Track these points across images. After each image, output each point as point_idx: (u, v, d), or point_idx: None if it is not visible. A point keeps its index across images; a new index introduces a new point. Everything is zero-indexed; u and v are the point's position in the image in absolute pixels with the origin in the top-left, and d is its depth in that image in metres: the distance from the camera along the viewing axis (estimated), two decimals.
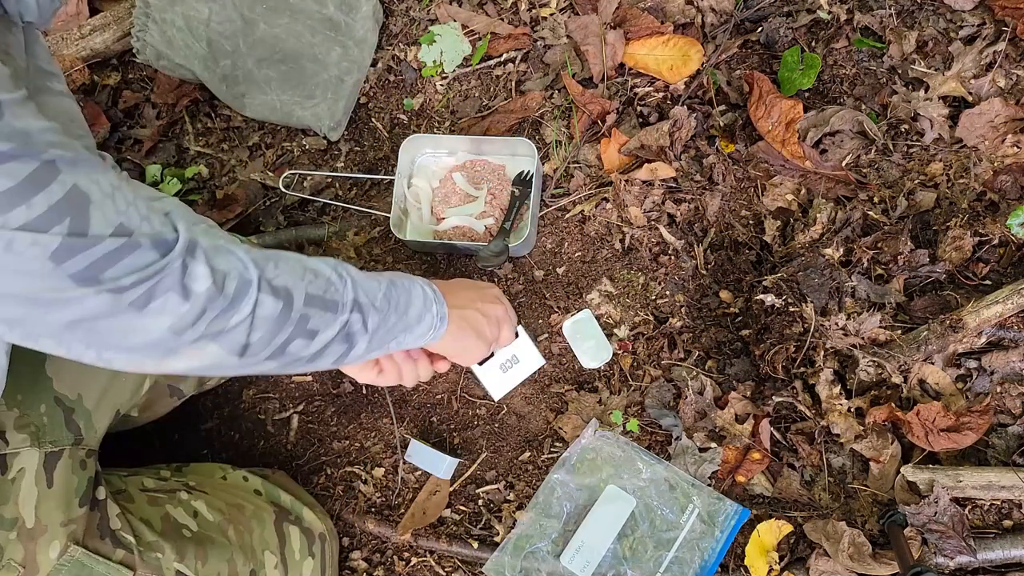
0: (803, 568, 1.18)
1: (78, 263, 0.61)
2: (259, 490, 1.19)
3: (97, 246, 0.62)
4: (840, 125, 1.39)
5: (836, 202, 1.35)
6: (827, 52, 1.46)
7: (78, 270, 0.61)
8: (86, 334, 0.66)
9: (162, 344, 0.69)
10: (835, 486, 1.22)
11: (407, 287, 0.94)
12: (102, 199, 0.62)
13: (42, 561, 0.88)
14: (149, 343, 0.69)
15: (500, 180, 1.45)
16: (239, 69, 1.53)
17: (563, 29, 1.54)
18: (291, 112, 1.54)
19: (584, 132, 1.47)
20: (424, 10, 1.63)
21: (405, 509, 1.30)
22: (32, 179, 0.57)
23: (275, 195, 1.55)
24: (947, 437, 1.17)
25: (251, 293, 0.72)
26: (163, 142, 1.62)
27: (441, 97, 1.58)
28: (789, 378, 1.25)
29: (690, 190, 1.40)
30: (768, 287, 1.26)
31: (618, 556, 1.20)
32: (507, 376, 1.33)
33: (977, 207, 1.32)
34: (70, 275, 0.61)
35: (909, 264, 1.27)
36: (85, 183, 0.61)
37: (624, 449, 1.27)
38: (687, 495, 1.23)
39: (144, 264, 0.65)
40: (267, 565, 1.08)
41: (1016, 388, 1.22)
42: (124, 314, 0.65)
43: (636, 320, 1.36)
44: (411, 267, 1.46)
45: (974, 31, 1.43)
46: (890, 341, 1.22)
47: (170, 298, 0.67)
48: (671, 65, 1.46)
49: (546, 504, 1.25)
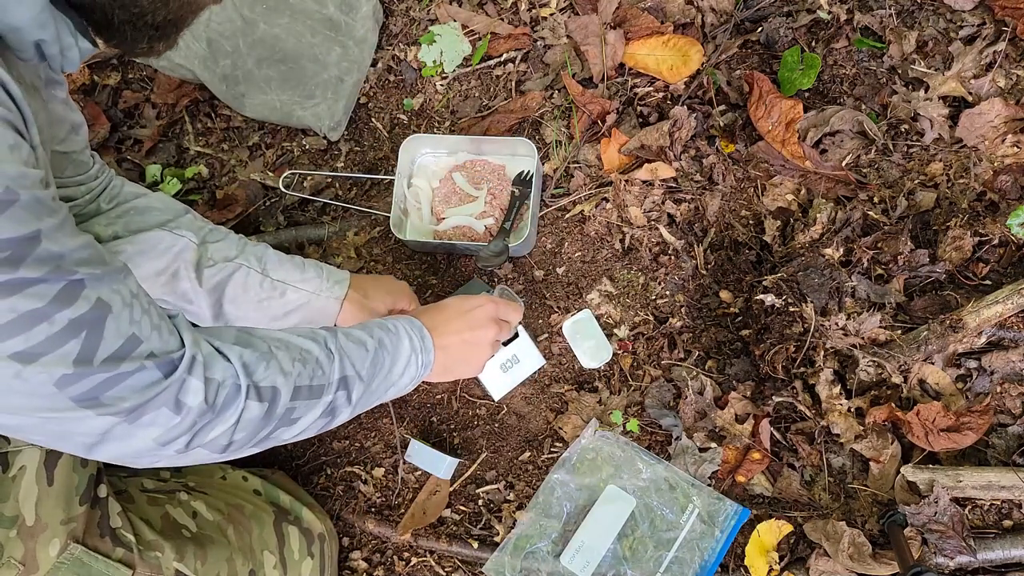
0: (803, 568, 1.18)
1: (81, 387, 0.64)
2: (258, 490, 1.19)
3: (100, 372, 0.65)
4: (840, 125, 1.39)
5: (836, 202, 1.35)
6: (827, 52, 1.46)
7: (80, 393, 0.65)
8: (72, 435, 0.68)
9: (148, 453, 0.71)
10: (835, 486, 1.22)
11: (394, 343, 0.95)
12: (121, 309, 0.67)
13: (42, 559, 0.88)
14: (134, 451, 0.71)
15: (500, 180, 1.45)
16: (239, 69, 1.54)
17: (563, 29, 1.54)
18: (291, 112, 1.54)
19: (584, 132, 1.47)
20: (424, 10, 1.63)
21: (405, 509, 1.30)
22: (58, 298, 0.62)
23: (275, 195, 1.55)
24: (947, 437, 1.17)
25: (238, 402, 0.75)
26: (163, 142, 1.62)
27: (441, 97, 1.58)
28: (789, 378, 1.25)
29: (690, 190, 1.40)
30: (768, 287, 1.26)
31: (618, 556, 1.20)
32: (507, 376, 1.33)
33: (977, 207, 1.32)
34: (71, 397, 0.64)
35: (909, 264, 1.27)
36: (108, 294, 0.66)
37: (624, 449, 1.27)
38: (687, 495, 1.23)
39: (146, 384, 0.68)
40: (266, 565, 1.08)
41: (1016, 388, 1.22)
42: (116, 428, 0.68)
43: (636, 320, 1.36)
44: (411, 267, 1.46)
45: (974, 31, 1.43)
46: (890, 341, 1.22)
47: (162, 412, 0.69)
48: (671, 65, 1.46)
49: (546, 504, 1.25)
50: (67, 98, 0.91)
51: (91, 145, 1.56)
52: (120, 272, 0.69)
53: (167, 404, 0.69)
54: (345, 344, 0.89)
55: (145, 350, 0.68)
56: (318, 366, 0.84)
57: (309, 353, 0.84)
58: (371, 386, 0.91)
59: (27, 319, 0.60)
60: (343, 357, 0.87)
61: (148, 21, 0.73)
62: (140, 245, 1.04)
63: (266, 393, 0.77)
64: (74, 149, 0.98)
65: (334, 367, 0.86)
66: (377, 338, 0.93)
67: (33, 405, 0.64)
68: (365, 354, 0.90)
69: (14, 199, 0.59)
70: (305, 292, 1.15)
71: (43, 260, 0.61)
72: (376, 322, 0.97)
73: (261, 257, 1.13)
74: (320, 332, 0.88)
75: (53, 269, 0.62)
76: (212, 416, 0.73)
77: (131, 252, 1.03)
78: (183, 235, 1.06)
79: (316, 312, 1.17)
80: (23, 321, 0.60)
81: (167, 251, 1.05)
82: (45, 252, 0.61)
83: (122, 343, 0.66)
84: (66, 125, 0.94)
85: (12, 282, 0.59)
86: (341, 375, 0.86)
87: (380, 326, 0.96)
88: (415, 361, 0.97)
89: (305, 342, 0.85)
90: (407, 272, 1.46)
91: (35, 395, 0.63)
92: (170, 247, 1.05)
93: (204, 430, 0.73)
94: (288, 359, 0.81)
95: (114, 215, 1.04)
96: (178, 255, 1.05)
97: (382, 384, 0.93)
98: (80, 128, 0.97)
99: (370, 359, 0.90)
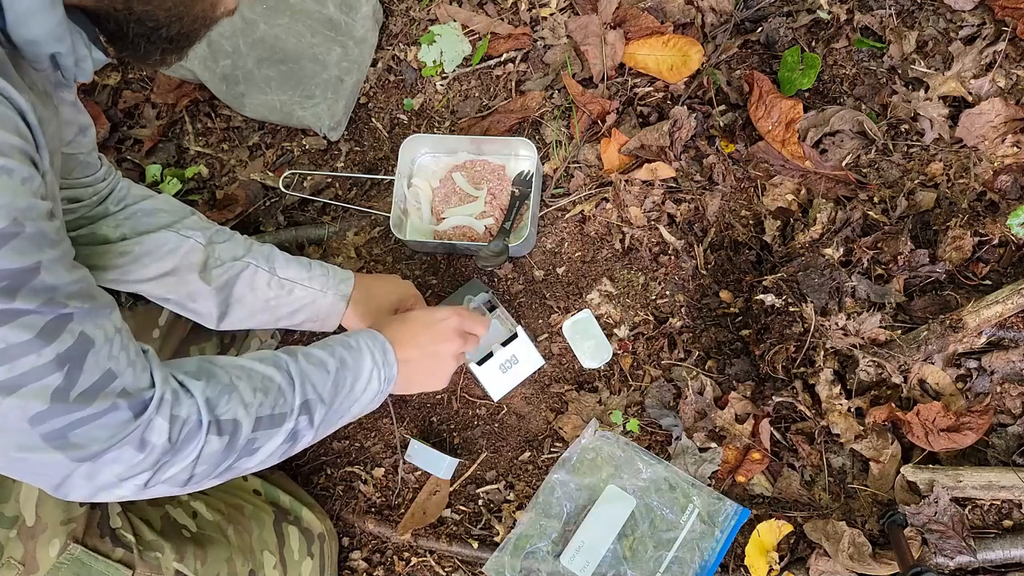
0: (803, 568, 1.18)
1: (53, 424, 0.65)
2: (258, 490, 1.19)
3: (73, 410, 0.65)
4: (840, 125, 1.39)
5: (836, 202, 1.35)
6: (827, 52, 1.46)
7: (51, 431, 0.65)
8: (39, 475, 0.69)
9: (108, 487, 0.71)
10: (835, 486, 1.22)
11: (356, 360, 0.94)
12: (103, 344, 0.68)
13: (42, 559, 0.88)
14: (97, 487, 0.71)
15: (500, 180, 1.45)
16: (239, 69, 1.54)
17: (563, 29, 1.54)
18: (291, 112, 1.54)
19: (584, 132, 1.47)
20: (424, 10, 1.63)
21: (405, 509, 1.30)
22: (46, 330, 0.63)
23: (275, 195, 1.55)
24: (947, 437, 1.17)
25: (199, 438, 0.74)
26: (163, 142, 1.62)
27: (441, 97, 1.58)
28: (789, 378, 1.25)
29: (690, 190, 1.40)
30: (768, 287, 1.26)
31: (618, 556, 1.20)
32: (507, 376, 1.33)
33: (977, 207, 1.32)
34: (42, 435, 0.65)
35: (909, 264, 1.27)
36: (92, 329, 0.67)
37: (624, 449, 1.27)
38: (687, 495, 1.23)
39: (117, 424, 0.68)
40: (266, 565, 1.08)
41: (1016, 388, 1.22)
42: (83, 467, 0.68)
43: (636, 320, 1.36)
44: (411, 267, 1.46)
45: (974, 31, 1.43)
46: (890, 341, 1.22)
47: (126, 451, 0.69)
48: (671, 65, 1.46)
49: (546, 504, 1.25)
50: (76, 100, 0.91)
51: None
52: (107, 307, 0.70)
53: (132, 443, 0.69)
54: (306, 367, 0.88)
55: (119, 386, 0.68)
56: (280, 394, 0.83)
57: (271, 381, 0.83)
58: (333, 406, 0.90)
59: (14, 349, 0.61)
60: (304, 381, 0.86)
61: (163, 35, 0.74)
62: (147, 246, 1.04)
63: (227, 426, 0.77)
64: (82, 151, 0.98)
65: (296, 393, 0.85)
66: (339, 357, 0.92)
67: (3, 443, 0.65)
68: (326, 376, 0.89)
69: (19, 231, 0.60)
70: (312, 290, 1.15)
71: (38, 291, 0.62)
72: (338, 339, 0.95)
73: (268, 256, 1.13)
74: (281, 357, 0.87)
75: (46, 301, 0.63)
76: (174, 454, 0.73)
77: (138, 253, 1.03)
78: (190, 236, 1.07)
79: (322, 310, 1.17)
80: (10, 351, 0.61)
81: (174, 252, 1.05)
82: (41, 284, 0.62)
83: (99, 377, 0.67)
84: (74, 127, 0.94)
85: (6, 312, 0.60)
86: (303, 399, 0.85)
87: (342, 343, 0.94)
88: (377, 376, 0.95)
89: (267, 368, 0.84)
90: (407, 272, 1.46)
91: (6, 431, 0.64)
92: (177, 248, 1.05)
93: (166, 467, 0.73)
94: (249, 389, 0.80)
95: (121, 217, 1.04)
96: (185, 256, 1.06)
97: (344, 403, 0.92)
98: (88, 130, 0.97)
99: (331, 380, 0.89)
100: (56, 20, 0.65)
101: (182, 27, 0.74)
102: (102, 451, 0.68)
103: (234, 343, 1.28)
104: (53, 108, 0.79)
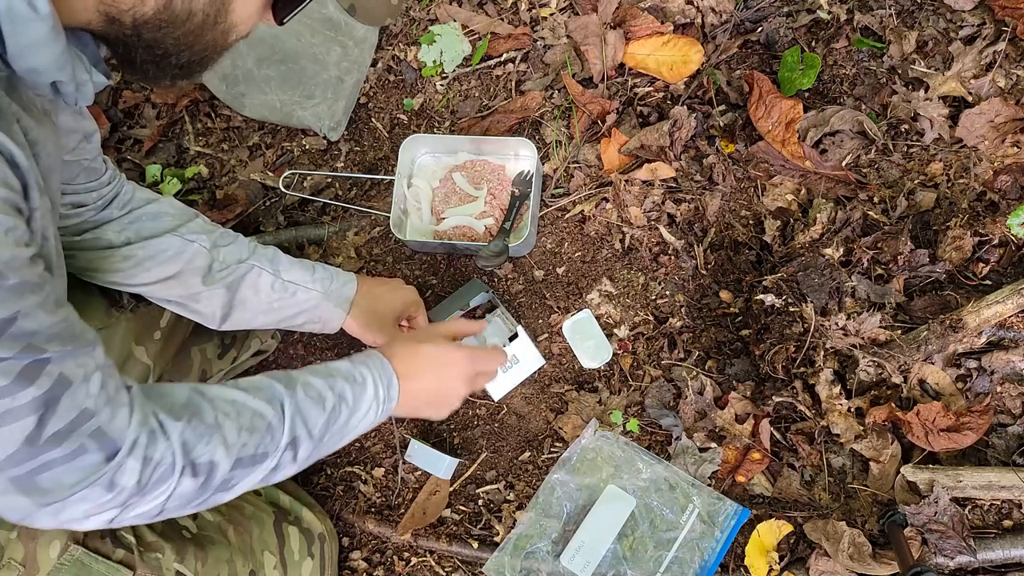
0: (803, 568, 1.18)
1: (22, 468, 0.64)
2: (258, 491, 1.19)
3: (44, 452, 0.64)
4: (840, 125, 1.39)
5: (836, 202, 1.35)
6: (827, 52, 1.46)
7: (19, 475, 0.64)
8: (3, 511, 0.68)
9: (74, 522, 0.70)
10: (835, 486, 1.22)
11: (357, 396, 0.91)
12: (80, 383, 0.66)
13: (42, 560, 0.88)
14: (62, 522, 0.70)
15: (500, 180, 1.45)
16: (239, 69, 1.54)
17: (563, 29, 1.54)
18: (291, 112, 1.54)
19: (584, 132, 1.47)
20: (424, 10, 1.63)
21: (405, 509, 1.30)
22: (23, 374, 0.62)
23: (275, 195, 1.55)
24: (947, 437, 1.17)
25: (171, 480, 0.72)
26: (163, 142, 1.62)
27: (441, 97, 1.58)
28: (789, 378, 1.25)
29: (690, 190, 1.40)
30: (768, 287, 1.26)
31: (618, 556, 1.20)
32: (507, 376, 1.33)
33: (977, 207, 1.32)
34: (10, 479, 0.64)
35: (909, 264, 1.27)
36: (72, 369, 0.66)
37: (624, 449, 1.27)
38: (687, 495, 1.23)
39: (85, 467, 0.67)
40: (266, 566, 1.08)
41: (1016, 388, 1.22)
42: (49, 507, 0.67)
43: (636, 320, 1.36)
44: (411, 267, 1.46)
45: (974, 31, 1.43)
46: (890, 341, 1.22)
47: (94, 491, 0.68)
48: (671, 65, 1.46)
49: (546, 504, 1.25)
50: (81, 108, 0.91)
51: None
52: (89, 345, 0.69)
53: (101, 485, 0.68)
54: (302, 402, 0.85)
55: (93, 425, 0.67)
56: (268, 432, 0.81)
57: (261, 418, 0.81)
58: (323, 442, 0.87)
59: None
60: (296, 418, 0.84)
61: (172, 62, 0.73)
62: (151, 250, 1.03)
63: (203, 468, 0.75)
64: (86, 157, 0.97)
65: (285, 431, 0.82)
66: (338, 392, 0.89)
67: None
68: (321, 412, 0.86)
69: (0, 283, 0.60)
70: (316, 293, 1.15)
71: (16, 338, 0.62)
72: (344, 369, 0.92)
73: (272, 258, 1.13)
74: (277, 389, 0.84)
75: (24, 348, 0.62)
76: (143, 495, 0.71)
77: (141, 257, 1.03)
78: (194, 240, 1.06)
79: (324, 314, 1.17)
80: None
81: (178, 256, 1.05)
82: (19, 330, 0.62)
83: (74, 417, 0.65)
84: (78, 135, 0.93)
85: None
86: (291, 438, 0.83)
87: (347, 376, 0.91)
88: (375, 410, 0.93)
89: (259, 404, 0.81)
90: (407, 272, 1.46)
91: None
92: (181, 252, 1.05)
93: (134, 506, 0.71)
94: (235, 429, 0.78)
95: (126, 221, 1.04)
96: (189, 260, 1.05)
97: (335, 438, 0.89)
98: (93, 136, 0.96)
99: (325, 417, 0.87)
100: (59, 51, 0.65)
101: (192, 55, 0.73)
102: (69, 495, 0.67)
103: (235, 344, 1.28)
104: (51, 125, 0.78)
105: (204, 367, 1.22)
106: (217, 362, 1.24)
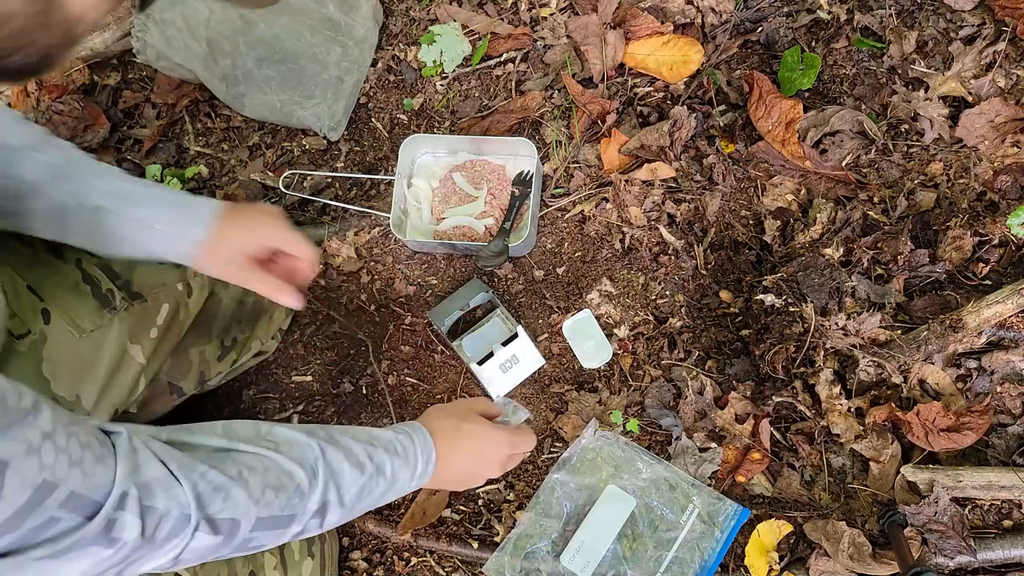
0: (803, 568, 1.18)
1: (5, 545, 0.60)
2: None
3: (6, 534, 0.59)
4: (840, 125, 1.39)
5: (836, 202, 1.35)
6: (827, 52, 1.46)
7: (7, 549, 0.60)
8: None
9: None
10: (835, 486, 1.22)
11: (395, 471, 0.88)
12: (24, 459, 0.59)
13: None
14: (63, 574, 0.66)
15: (500, 180, 1.45)
16: (239, 69, 1.53)
17: (563, 29, 1.54)
18: (291, 112, 1.54)
19: (584, 132, 1.47)
20: (424, 10, 1.63)
21: (405, 509, 1.30)
22: None
23: (275, 195, 1.55)
24: (947, 437, 1.17)
25: (185, 533, 0.70)
26: (163, 142, 1.62)
27: (441, 97, 1.58)
28: (789, 378, 1.25)
29: (690, 190, 1.40)
30: (768, 287, 1.26)
31: (618, 556, 1.20)
32: (507, 376, 1.33)
33: (977, 207, 1.32)
34: None
35: (909, 264, 1.27)
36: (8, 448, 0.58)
37: (624, 449, 1.27)
38: (687, 495, 1.23)
39: (63, 531, 0.63)
40: (266, 566, 1.08)
41: (1016, 388, 1.22)
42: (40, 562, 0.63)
43: (636, 320, 1.36)
44: (411, 267, 1.46)
45: (974, 31, 1.43)
46: (890, 341, 1.22)
47: (90, 550, 0.64)
48: (671, 65, 1.46)
49: (546, 504, 1.25)
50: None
51: (91, 145, 1.57)
52: (26, 415, 0.61)
53: (96, 543, 0.64)
54: (338, 466, 0.81)
55: (61, 495, 0.61)
56: (296, 494, 0.77)
57: (291, 478, 0.77)
58: (353, 510, 0.85)
59: None
60: (329, 483, 0.80)
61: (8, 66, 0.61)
62: None
63: (223, 525, 0.72)
64: None
65: (315, 495, 0.79)
66: (377, 463, 0.86)
67: None
68: (358, 478, 0.83)
69: None
70: (163, 233, 1.01)
71: None
72: (386, 438, 0.90)
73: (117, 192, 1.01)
74: (313, 449, 0.80)
75: None
76: (151, 548, 0.68)
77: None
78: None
79: (169, 253, 1.03)
80: None
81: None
82: None
83: (30, 495, 0.59)
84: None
85: None
86: (321, 503, 0.79)
87: (387, 446, 0.88)
88: (408, 484, 0.92)
89: (290, 465, 0.78)
90: (407, 272, 1.46)
91: None
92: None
93: (140, 561, 0.68)
94: (260, 485, 0.74)
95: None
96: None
97: (366, 506, 0.88)
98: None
99: (359, 486, 0.83)
100: None
101: (27, 56, 0.61)
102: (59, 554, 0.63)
103: (235, 346, 1.27)
104: None
105: (203, 369, 1.21)
106: (216, 364, 1.24)
